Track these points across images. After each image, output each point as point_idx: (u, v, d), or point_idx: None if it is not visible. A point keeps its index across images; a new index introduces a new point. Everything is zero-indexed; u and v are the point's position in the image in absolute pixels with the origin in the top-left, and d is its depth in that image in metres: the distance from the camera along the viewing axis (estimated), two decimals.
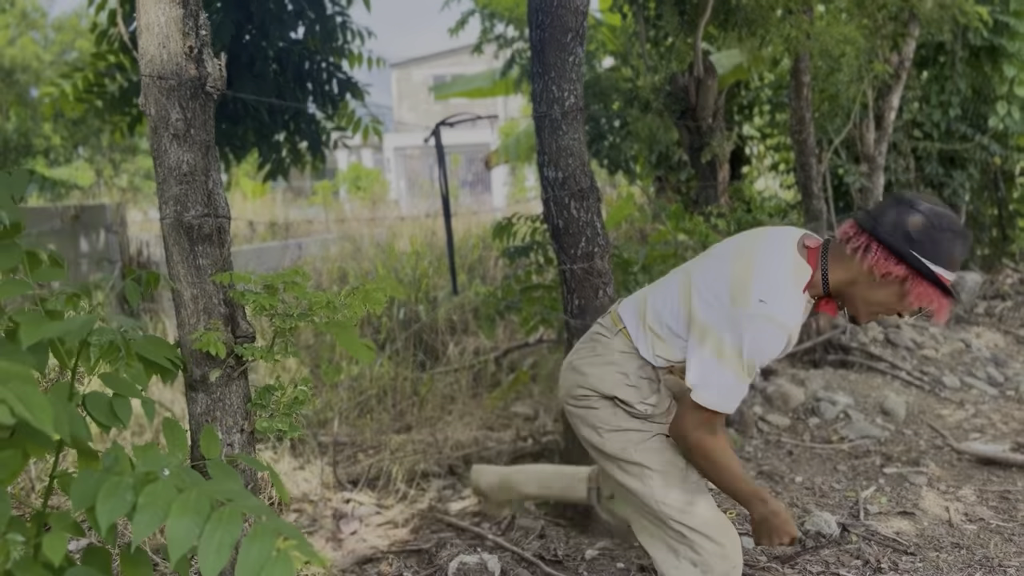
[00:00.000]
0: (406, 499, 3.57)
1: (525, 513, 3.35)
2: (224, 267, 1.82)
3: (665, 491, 2.11)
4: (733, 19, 4.52)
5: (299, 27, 3.59)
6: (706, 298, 2.02)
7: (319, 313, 1.69)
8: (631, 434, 2.14)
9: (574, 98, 3.08)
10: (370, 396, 4.68)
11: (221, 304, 1.80)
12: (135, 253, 7.55)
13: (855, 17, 5.91)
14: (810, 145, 5.90)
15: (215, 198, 1.81)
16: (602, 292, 3.17)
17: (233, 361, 1.79)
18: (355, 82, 3.73)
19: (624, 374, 2.15)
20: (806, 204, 6.08)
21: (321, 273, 7.52)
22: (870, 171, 6.85)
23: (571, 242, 3.14)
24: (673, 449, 2.15)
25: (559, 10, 2.99)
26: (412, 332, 5.76)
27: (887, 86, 6.59)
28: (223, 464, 1.54)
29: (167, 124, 1.77)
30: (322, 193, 17.85)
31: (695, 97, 4.42)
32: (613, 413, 2.15)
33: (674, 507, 2.11)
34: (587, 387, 2.19)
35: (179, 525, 1.16)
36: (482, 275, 7.83)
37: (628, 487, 2.16)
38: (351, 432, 4.26)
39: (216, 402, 1.84)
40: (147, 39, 1.78)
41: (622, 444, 2.14)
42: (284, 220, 10.99)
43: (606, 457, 2.20)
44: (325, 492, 3.62)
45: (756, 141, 8.92)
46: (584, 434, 2.23)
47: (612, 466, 2.19)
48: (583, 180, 3.12)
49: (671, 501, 2.11)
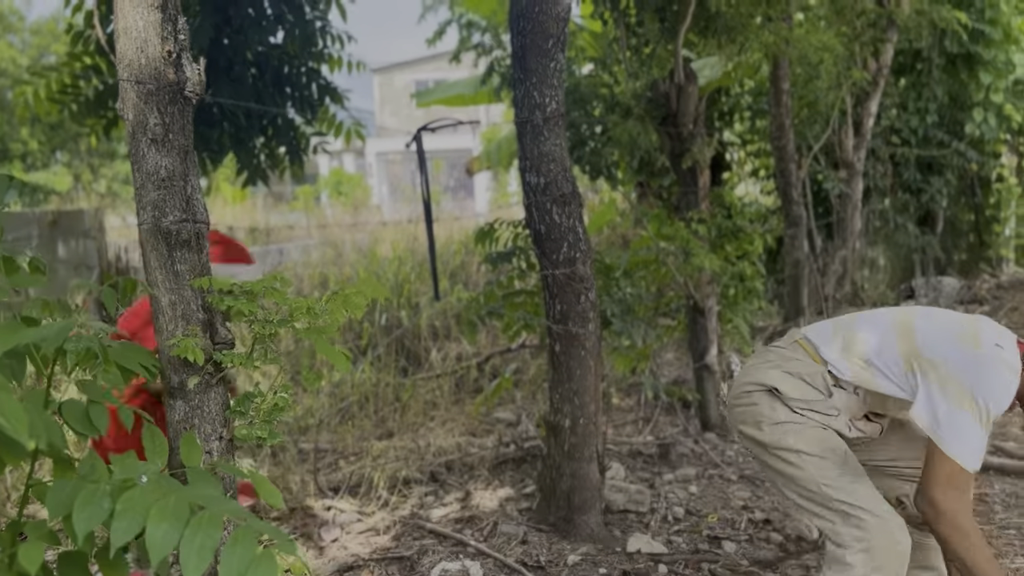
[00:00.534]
0: (388, 506, 3.55)
1: (507, 519, 3.35)
2: (202, 273, 1.80)
3: (823, 472, 2.11)
4: (713, 26, 4.54)
5: (278, 31, 3.57)
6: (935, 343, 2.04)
7: (299, 319, 1.68)
8: (788, 425, 2.15)
9: (556, 104, 3.09)
10: (352, 402, 4.65)
11: (199, 310, 1.79)
12: (113, 259, 7.48)
13: (834, 24, 5.96)
14: (790, 151, 5.95)
15: (193, 203, 1.80)
16: (584, 297, 3.17)
17: (212, 368, 1.77)
18: (335, 87, 3.72)
19: (788, 373, 2.19)
20: (786, 209, 6.13)
21: (302, 279, 7.48)
22: (849, 177, 6.91)
23: (553, 247, 3.15)
24: (833, 438, 2.15)
25: (540, 16, 3.00)
26: (394, 338, 5.74)
27: (865, 93, 6.66)
28: (202, 470, 1.53)
29: (145, 129, 1.76)
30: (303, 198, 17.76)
31: (676, 103, 4.43)
32: (772, 407, 2.17)
33: (833, 486, 2.09)
34: (749, 380, 2.23)
35: (158, 530, 1.15)
36: (464, 280, 7.82)
37: (789, 475, 2.17)
38: (332, 439, 4.24)
39: (194, 409, 1.82)
40: (125, 43, 1.76)
41: (780, 434, 2.16)
42: (265, 225, 10.93)
43: (766, 450, 2.20)
44: (306, 499, 3.59)
45: (737, 147, 8.98)
46: (746, 432, 2.24)
47: (772, 458, 2.19)
48: (565, 186, 3.13)
49: (830, 480, 2.09)
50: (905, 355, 2.06)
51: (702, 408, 4.68)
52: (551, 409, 3.28)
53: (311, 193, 19.34)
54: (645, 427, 4.72)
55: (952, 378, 1.96)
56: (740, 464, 4.14)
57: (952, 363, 1.98)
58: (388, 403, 4.74)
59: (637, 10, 4.75)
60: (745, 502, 3.62)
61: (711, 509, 3.52)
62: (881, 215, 8.31)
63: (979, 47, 7.67)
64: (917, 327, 2.10)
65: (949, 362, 1.99)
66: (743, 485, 3.85)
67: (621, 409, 5.05)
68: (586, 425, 3.20)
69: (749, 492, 3.75)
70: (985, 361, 1.97)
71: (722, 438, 4.52)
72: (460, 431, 4.47)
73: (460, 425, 4.55)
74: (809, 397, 2.16)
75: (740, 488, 3.80)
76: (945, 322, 2.13)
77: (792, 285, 6.27)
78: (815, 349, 2.20)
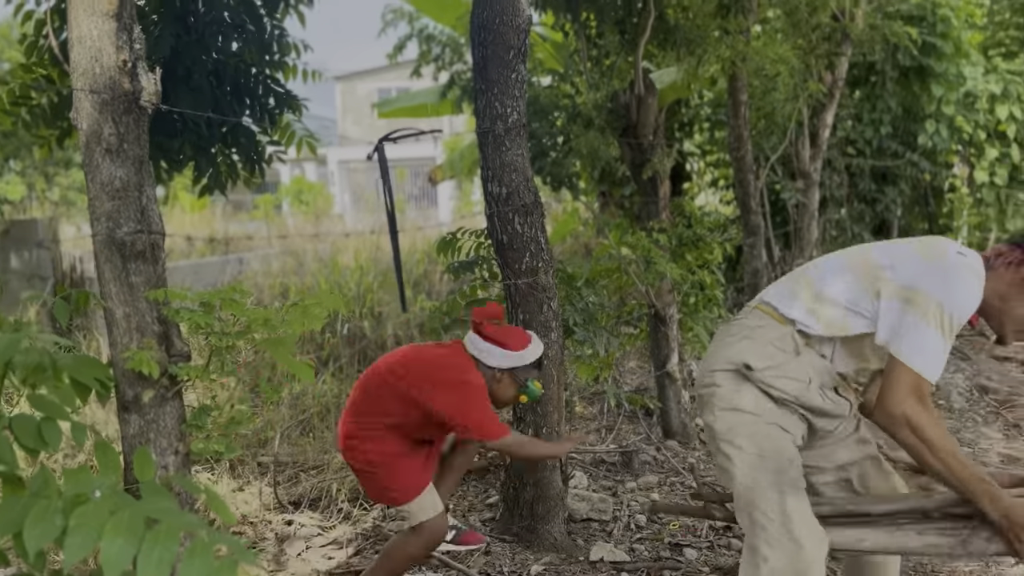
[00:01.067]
0: (349, 519, 3.52)
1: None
2: (158, 284, 1.78)
3: (755, 474, 2.01)
4: (672, 39, 4.61)
5: (236, 40, 3.54)
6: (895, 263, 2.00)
7: (257, 330, 1.66)
8: (743, 415, 2.05)
9: (517, 114, 3.11)
10: (312, 414, 4.60)
11: (155, 322, 1.76)
12: (68, 269, 7.33)
13: (790, 37, 6.08)
14: (748, 162, 6.04)
15: (149, 214, 1.78)
16: (547, 307, 3.19)
17: (167, 381, 1.75)
18: (293, 96, 3.70)
19: (755, 341, 2.09)
20: (745, 219, 6.22)
21: (262, 289, 7.40)
22: (805, 187, 7.04)
23: (515, 257, 3.15)
24: (782, 442, 2.04)
25: (501, 28, 3.02)
26: (357, 349, 5.70)
27: (821, 105, 6.79)
28: (156, 485, 1.50)
29: (99, 139, 1.73)
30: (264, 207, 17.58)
31: (636, 114, 4.49)
32: (736, 390, 2.07)
33: (758, 492, 2.00)
34: (716, 362, 2.13)
35: (113, 546, 1.14)
36: (428, 290, 7.80)
37: (724, 469, 2.09)
38: (293, 451, 4.19)
39: (150, 423, 1.80)
40: (79, 52, 1.74)
41: (730, 424, 2.07)
42: (224, 234, 10.80)
43: (714, 440, 2.12)
44: (266, 513, 3.54)
45: (696, 158, 9.10)
46: (706, 421, 2.15)
47: (716, 449, 2.11)
48: (527, 196, 3.14)
49: (758, 485, 2.00)
50: (872, 286, 2.01)
51: (664, 416, 4.71)
52: (514, 418, 3.29)
53: (272, 202, 19.16)
54: (608, 435, 4.74)
55: (919, 291, 1.93)
56: (701, 471, 4.18)
57: (918, 276, 1.95)
58: None
59: (597, 22, 4.80)
60: None
61: (673, 516, 3.55)
62: (837, 224, 8.48)
63: (931, 60, 7.88)
64: (876, 258, 2.06)
65: (915, 276, 1.95)
66: None
67: (584, 418, 5.07)
68: (549, 434, 3.20)
69: None
70: (951, 268, 1.94)
71: (684, 445, 4.56)
72: None
73: None
74: (779, 361, 2.05)
75: None
76: (902, 245, 2.10)
77: (751, 293, 6.36)
78: (777, 311, 2.11)
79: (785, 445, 2.05)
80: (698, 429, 4.77)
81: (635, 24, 4.57)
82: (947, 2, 7.93)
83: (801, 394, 2.06)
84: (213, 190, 3.80)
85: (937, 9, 7.82)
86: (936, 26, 7.83)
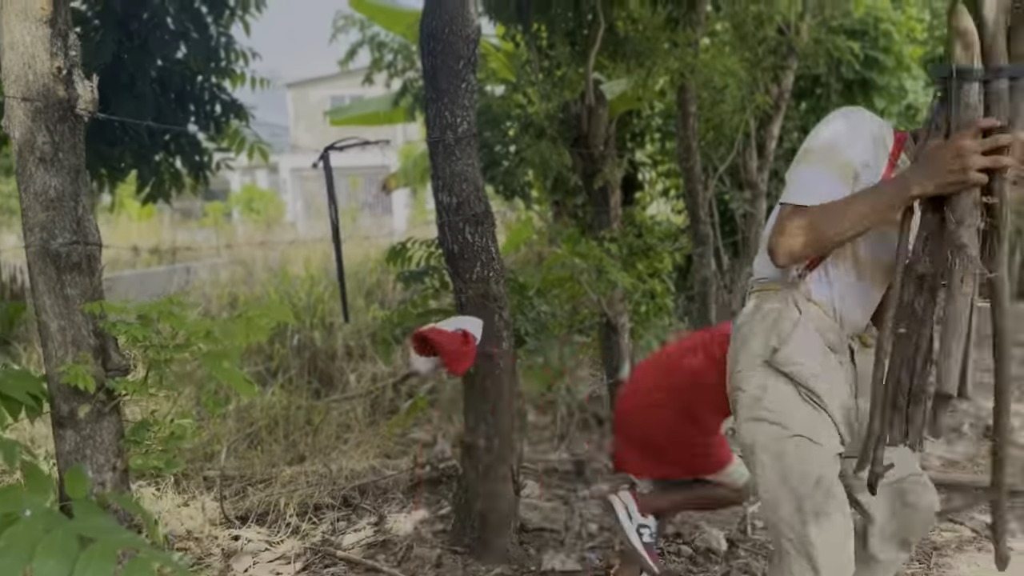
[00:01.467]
0: (298, 533, 3.46)
1: (421, 542, 3.31)
2: (95, 296, 1.73)
3: (777, 496, 1.91)
4: (622, 51, 4.66)
5: (181, 47, 3.48)
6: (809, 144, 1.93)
7: (198, 343, 1.63)
8: (766, 428, 1.93)
9: (467, 124, 3.10)
10: (260, 427, 4.53)
11: (91, 336, 1.72)
12: (7, 280, 7.11)
13: (737, 50, 6.19)
14: (696, 172, 6.12)
15: (85, 224, 1.73)
16: (498, 316, 3.18)
17: (104, 395, 1.70)
18: (239, 103, 3.65)
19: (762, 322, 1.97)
20: (694, 228, 6.30)
21: (210, 299, 7.26)
22: (753, 197, 7.16)
23: (466, 267, 3.15)
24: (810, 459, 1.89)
25: (451, 38, 3.02)
26: (307, 359, 5.63)
27: (768, 116, 6.92)
28: (89, 503, 1.46)
29: (33, 148, 1.68)
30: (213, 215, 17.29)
31: (587, 125, 4.52)
32: (756, 397, 1.95)
33: (782, 518, 1.91)
34: (736, 365, 2.01)
35: (45, 566, 1.11)
36: (381, 299, 7.74)
37: (753, 477, 2.00)
38: (240, 465, 4.11)
39: (86, 439, 1.74)
40: (11, 58, 1.69)
41: (753, 436, 1.96)
42: (172, 243, 10.58)
43: (741, 446, 2.03)
44: (212, 529, 3.47)
45: (648, 168, 9.19)
46: (734, 426, 2.06)
47: (743, 456, 2.02)
48: (477, 205, 3.14)
49: (780, 508, 1.91)
50: None
51: None
52: (466, 429, 3.27)
53: (222, 210, 18.85)
54: (561, 444, 4.75)
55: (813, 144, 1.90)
56: None
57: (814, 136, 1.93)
58: (299, 427, 4.63)
59: (548, 33, 4.83)
60: None
61: None
62: None
63: (873, 74, 8.09)
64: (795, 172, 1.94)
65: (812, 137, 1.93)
66: None
67: (537, 427, 5.07)
68: (501, 444, 3.20)
69: None
70: (838, 113, 1.94)
71: None
72: (375, 453, 4.40)
73: (375, 447, 4.49)
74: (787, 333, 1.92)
75: None
76: None
77: (701, 302, 6.44)
78: (773, 281, 2.01)
79: (811, 465, 1.90)
80: None
81: (585, 36, 4.61)
82: (889, 17, 8.15)
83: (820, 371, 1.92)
84: (156, 198, 3.72)
85: (879, 24, 8.04)
86: (878, 40, 8.05)
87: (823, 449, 1.91)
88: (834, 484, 1.91)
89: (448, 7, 3.00)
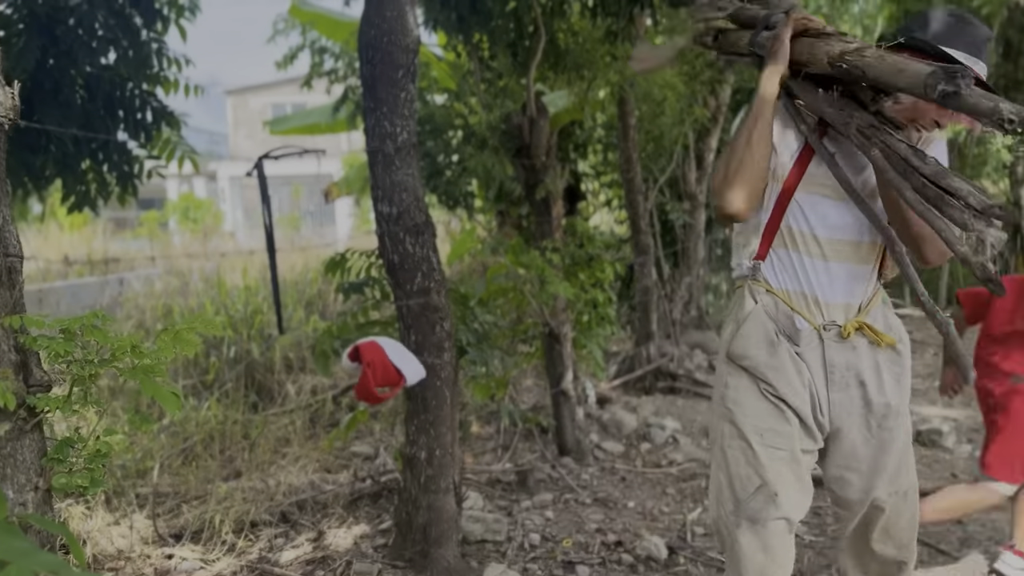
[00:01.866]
0: (234, 551, 3.38)
1: (362, 558, 3.26)
2: (15, 310, 1.66)
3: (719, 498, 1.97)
4: (563, 63, 4.71)
5: (110, 53, 3.38)
6: None
7: (123, 358, 1.57)
8: (722, 426, 1.98)
9: (407, 134, 3.09)
10: (195, 442, 4.41)
11: (11, 351, 1.64)
12: None
13: (676, 64, 6.30)
14: (637, 183, 6.21)
15: (5, 235, 1.66)
16: (439, 327, 3.16)
17: (25, 413, 1.63)
18: (170, 111, 3.56)
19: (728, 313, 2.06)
20: (635, 239, 6.38)
21: (144, 311, 7.07)
22: (692, 208, 7.29)
23: (407, 277, 3.12)
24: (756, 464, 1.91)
25: (389, 47, 3.00)
26: (243, 372, 5.51)
27: (706, 129, 7.06)
28: (8, 524, 1.39)
29: None
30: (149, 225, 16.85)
31: (529, 136, 4.54)
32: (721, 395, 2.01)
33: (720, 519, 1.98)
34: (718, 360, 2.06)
35: None
36: (321, 310, 7.65)
37: None
38: (174, 482, 3.99)
39: (6, 458, 1.67)
40: None
41: (713, 433, 2.03)
42: (105, 254, 10.27)
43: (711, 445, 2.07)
44: (144, 548, 3.36)
45: (591, 178, 9.28)
46: None
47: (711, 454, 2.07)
48: (418, 215, 3.12)
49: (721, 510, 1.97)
50: None
51: (559, 433, 4.75)
52: (407, 441, 3.24)
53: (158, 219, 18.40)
54: (504, 454, 4.74)
55: None
56: (594, 487, 4.23)
57: None
58: (236, 441, 4.53)
59: (490, 44, 4.85)
60: (599, 525, 3.70)
61: (566, 534, 3.58)
62: (723, 244, 8.81)
63: None
64: None
65: None
66: (597, 508, 3.93)
67: (480, 437, 5.06)
68: (443, 456, 3.17)
69: (602, 515, 3.83)
70: None
71: (578, 462, 4.60)
72: (314, 468, 4.33)
73: (314, 461, 4.41)
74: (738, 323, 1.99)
75: (594, 511, 3.88)
76: None
77: (642, 311, 6.52)
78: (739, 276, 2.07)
79: (755, 469, 1.91)
80: (592, 445, 4.83)
81: (527, 47, 4.64)
82: None
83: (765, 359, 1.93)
84: (82, 207, 3.60)
85: None
86: None
87: (776, 453, 1.91)
88: (784, 489, 1.89)
89: (387, 17, 2.99)
